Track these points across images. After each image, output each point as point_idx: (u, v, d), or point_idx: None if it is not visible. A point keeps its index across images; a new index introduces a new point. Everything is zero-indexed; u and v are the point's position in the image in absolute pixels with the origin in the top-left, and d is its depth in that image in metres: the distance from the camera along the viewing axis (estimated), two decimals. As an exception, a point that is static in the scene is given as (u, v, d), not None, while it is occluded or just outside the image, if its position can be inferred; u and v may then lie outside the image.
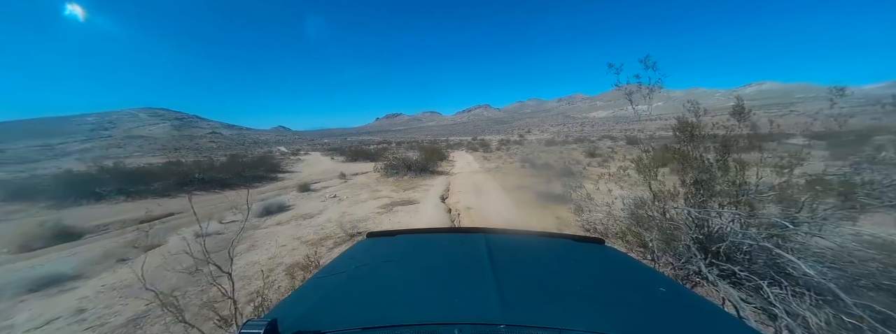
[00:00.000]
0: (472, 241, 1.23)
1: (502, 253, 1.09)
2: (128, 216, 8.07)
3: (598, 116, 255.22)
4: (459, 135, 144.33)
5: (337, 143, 78.25)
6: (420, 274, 1.01)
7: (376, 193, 8.83)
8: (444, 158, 20.57)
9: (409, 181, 11.12)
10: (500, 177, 11.38)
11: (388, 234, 1.44)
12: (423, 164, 12.94)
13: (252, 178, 14.49)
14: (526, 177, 10.31)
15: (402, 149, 37.53)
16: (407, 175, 12.31)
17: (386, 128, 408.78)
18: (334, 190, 10.12)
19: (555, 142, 39.85)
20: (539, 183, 9.03)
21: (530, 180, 9.55)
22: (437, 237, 1.47)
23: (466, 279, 0.92)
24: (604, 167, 12.68)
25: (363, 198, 8.09)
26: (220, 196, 11.29)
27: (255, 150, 75.88)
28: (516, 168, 13.89)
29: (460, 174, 13.09)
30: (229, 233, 5.50)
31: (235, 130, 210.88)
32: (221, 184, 12.85)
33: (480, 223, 5.40)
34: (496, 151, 29.39)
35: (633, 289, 0.92)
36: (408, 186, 9.89)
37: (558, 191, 7.09)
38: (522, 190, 7.96)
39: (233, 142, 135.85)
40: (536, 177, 10.13)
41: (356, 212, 6.49)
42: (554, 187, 7.94)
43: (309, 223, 5.75)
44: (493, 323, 0.65)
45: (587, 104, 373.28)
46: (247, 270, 3.68)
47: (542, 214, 5.83)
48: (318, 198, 8.54)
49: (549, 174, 10.59)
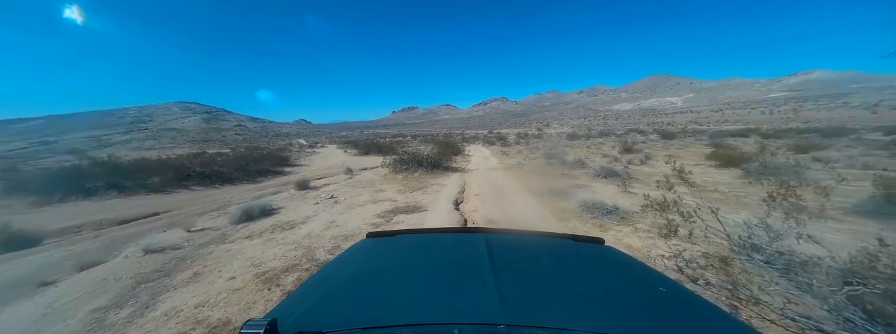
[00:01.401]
0: (472, 241, 1.23)
1: (502, 253, 1.09)
2: (108, 215, 7.32)
3: (622, 109, 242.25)
4: (475, 128, 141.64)
5: (354, 136, 79.61)
6: (420, 275, 1.00)
7: (379, 195, 7.59)
8: (459, 153, 19.11)
9: (419, 179, 9.82)
10: (523, 176, 9.81)
11: (388, 234, 1.42)
12: (436, 160, 11.59)
13: (257, 173, 13.76)
14: (556, 178, 8.69)
15: (416, 142, 36.40)
16: (417, 171, 11.02)
17: (402, 122, 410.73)
18: (334, 188, 9.00)
19: (577, 136, 37.43)
20: (575, 185, 7.43)
21: (563, 182, 7.95)
22: (437, 237, 1.44)
23: (466, 279, 0.92)
24: (648, 165, 10.79)
25: (362, 201, 6.87)
26: (218, 192, 10.52)
27: (276, 142, 79.10)
28: (541, 165, 12.20)
29: (477, 171, 11.62)
30: (189, 247, 4.43)
31: (259, 123, 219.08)
32: (223, 178, 12.15)
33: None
34: (515, 145, 27.51)
35: (634, 289, 0.92)
36: (416, 186, 8.58)
37: (607, 198, 5.51)
38: (557, 195, 6.42)
39: (256, 134, 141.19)
40: (570, 178, 8.50)
41: (348, 221, 5.26)
42: (600, 193, 6.34)
43: (285, 237, 4.56)
44: (493, 324, 0.65)
45: (610, 96, 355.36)
46: (157, 328, 2.49)
47: (604, 236, 4.32)
48: (312, 200, 7.41)
49: (586, 174, 8.91)
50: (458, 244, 1.27)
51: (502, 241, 1.25)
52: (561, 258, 1.13)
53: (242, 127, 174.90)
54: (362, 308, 0.78)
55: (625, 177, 7.65)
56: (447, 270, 1.01)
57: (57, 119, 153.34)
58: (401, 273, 1.01)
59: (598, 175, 8.22)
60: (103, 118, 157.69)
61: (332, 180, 11.34)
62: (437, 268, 1.03)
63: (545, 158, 14.54)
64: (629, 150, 14.85)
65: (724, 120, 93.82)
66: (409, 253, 1.20)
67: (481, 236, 1.26)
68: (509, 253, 1.13)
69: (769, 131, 28.42)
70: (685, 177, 5.08)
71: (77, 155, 19.92)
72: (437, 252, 1.21)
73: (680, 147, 17.80)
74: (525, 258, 1.10)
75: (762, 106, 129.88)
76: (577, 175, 9.14)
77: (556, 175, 9.33)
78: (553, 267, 1.06)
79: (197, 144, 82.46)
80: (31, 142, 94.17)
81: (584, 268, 1.04)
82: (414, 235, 1.45)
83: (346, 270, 1.05)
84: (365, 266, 1.07)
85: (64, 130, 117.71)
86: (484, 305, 0.73)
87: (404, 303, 0.79)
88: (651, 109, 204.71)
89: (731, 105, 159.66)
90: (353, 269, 1.05)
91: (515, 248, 1.22)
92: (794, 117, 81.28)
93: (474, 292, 0.81)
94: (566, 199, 6.03)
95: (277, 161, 17.44)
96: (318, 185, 10.01)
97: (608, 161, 11.55)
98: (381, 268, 1.06)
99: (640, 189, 6.48)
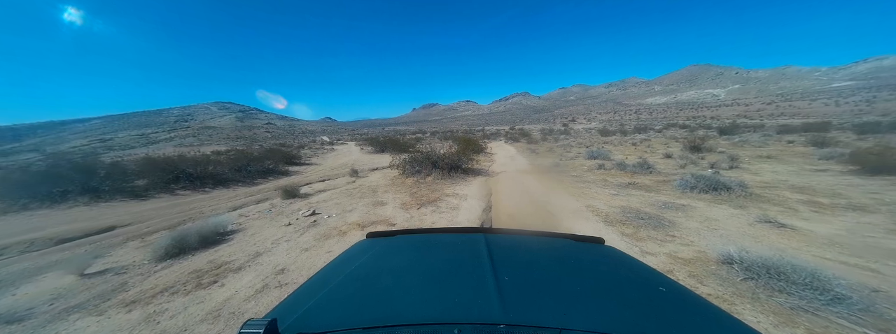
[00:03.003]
0: (472, 241, 1.22)
1: (502, 252, 1.09)
2: (54, 230, 5.99)
3: (655, 102, 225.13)
4: (496, 124, 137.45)
5: (375, 133, 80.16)
6: (420, 275, 1.00)
7: (375, 211, 5.66)
8: (481, 150, 16.88)
9: (432, 186, 7.82)
10: (569, 183, 7.40)
11: (388, 234, 1.41)
12: (454, 161, 9.51)
13: (259, 173, 12.43)
14: (622, 190, 6.26)
15: (435, 139, 34.61)
16: (431, 175, 9.04)
17: (422, 119, 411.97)
18: (326, 198, 7.21)
19: (610, 132, 33.81)
20: (661, 204, 5.01)
21: (639, 197, 5.52)
22: (437, 237, 1.44)
23: (466, 279, 0.92)
24: (743, 170, 7.92)
25: (348, 222, 4.97)
26: (205, 197, 9.15)
27: (302, 139, 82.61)
28: (590, 169, 9.68)
29: (504, 175, 9.40)
30: (39, 319, 2.71)
31: (288, 121, 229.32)
32: (218, 180, 10.88)
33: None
34: (543, 143, 24.74)
35: (634, 289, 0.92)
36: (427, 197, 6.57)
37: (759, 241, 3.14)
38: (649, 225, 4.03)
39: (284, 131, 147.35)
40: (644, 190, 6.03)
41: (305, 266, 3.34)
42: (721, 223, 3.88)
43: (189, 305, 2.71)
44: (493, 323, 0.65)
45: (643, 89, 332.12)
46: None
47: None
48: (287, 217, 5.62)
49: (665, 184, 6.35)
50: (458, 244, 1.27)
51: (502, 241, 1.24)
52: (561, 258, 1.13)
53: (272, 125, 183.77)
54: (362, 308, 0.77)
55: (739, 193, 5.11)
56: (447, 270, 1.01)
57: (112, 119, 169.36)
58: (401, 273, 1.01)
59: (688, 186, 5.70)
60: (151, 117, 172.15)
61: (331, 185, 9.63)
62: (437, 268, 1.03)
63: (589, 158, 11.96)
64: (698, 149, 11.84)
65: (779, 113, 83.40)
66: (409, 253, 1.20)
67: (481, 236, 1.25)
68: (509, 253, 1.13)
69: (856, 124, 22.98)
70: None
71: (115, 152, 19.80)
72: (437, 252, 1.21)
73: (758, 144, 14.33)
74: (525, 258, 1.10)
75: (825, 97, 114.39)
76: (650, 184, 6.66)
77: (618, 184, 6.90)
78: (553, 266, 1.05)
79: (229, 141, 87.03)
80: (91, 139, 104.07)
81: (583, 268, 1.04)
82: (414, 235, 1.43)
83: (346, 270, 1.04)
84: (365, 266, 1.07)
85: (119, 129, 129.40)
86: (484, 305, 0.73)
87: (404, 303, 0.79)
88: (689, 102, 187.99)
89: (786, 96, 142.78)
90: (353, 269, 1.04)
91: (515, 248, 1.22)
92: (867, 109, 69.99)
93: (474, 292, 0.81)
94: (668, 234, 3.69)
95: (284, 159, 16.16)
96: (311, 192, 8.29)
97: (680, 164, 8.85)
98: (381, 268, 1.06)
99: (787, 216, 4.02)
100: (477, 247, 1.12)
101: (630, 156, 12.59)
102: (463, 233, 1.44)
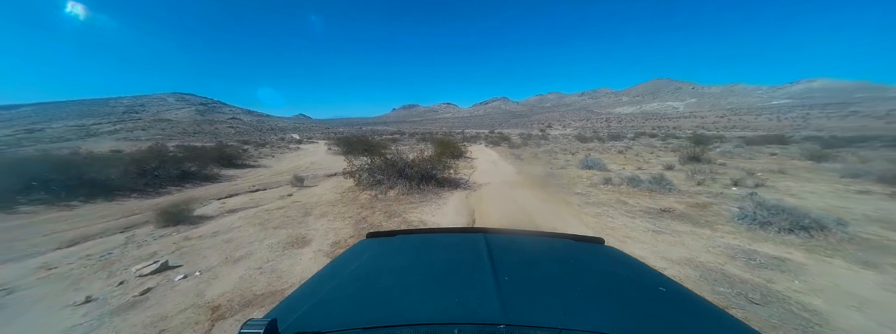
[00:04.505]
0: (472, 241, 1.21)
1: (502, 253, 1.08)
2: None
3: (624, 112, 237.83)
4: (476, 127, 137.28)
5: (351, 132, 77.28)
6: (420, 275, 0.99)
7: (281, 259, 3.38)
8: (461, 155, 14.89)
9: (393, 204, 5.66)
10: (580, 207, 5.47)
11: (388, 234, 1.39)
12: (426, 170, 7.37)
13: (171, 179, 9.51)
14: (670, 226, 4.31)
15: (413, 140, 32.26)
16: (396, 187, 6.86)
17: (402, 119, 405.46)
18: (225, 225, 4.75)
19: (587, 139, 33.61)
20: (728, 250, 3.14)
21: (694, 237, 3.59)
22: (437, 237, 1.41)
23: (466, 279, 0.91)
24: (787, 193, 6.44)
25: (212, 295, 2.68)
26: (61, 215, 6.29)
27: (269, 136, 77.99)
28: (593, 183, 7.91)
29: (489, 188, 7.41)
30: None
31: (255, 116, 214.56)
32: (100, 189, 7.90)
33: None
34: (524, 147, 23.32)
35: (634, 289, 0.91)
36: (379, 227, 4.38)
37: None
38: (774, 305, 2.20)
39: (250, 127, 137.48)
40: (714, 228, 4.13)
41: None
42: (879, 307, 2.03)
43: None
44: (493, 323, 0.64)
45: (612, 99, 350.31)
46: None
47: None
48: (113, 274, 3.20)
49: (712, 209, 4.50)
50: (458, 244, 1.26)
51: (502, 241, 1.23)
52: (561, 258, 1.11)
53: (237, 119, 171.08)
54: (362, 308, 0.77)
55: (839, 234, 3.44)
56: (447, 270, 1.00)
57: (47, 106, 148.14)
58: (401, 273, 1.00)
59: (754, 221, 3.93)
60: (96, 107, 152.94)
61: (258, 199, 7.10)
62: (437, 268, 1.03)
63: (584, 168, 10.34)
64: (697, 159, 10.65)
65: (732, 125, 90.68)
66: (409, 253, 1.19)
67: (481, 236, 1.25)
68: (509, 253, 1.12)
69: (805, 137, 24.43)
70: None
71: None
72: (437, 252, 1.20)
73: (747, 156, 13.62)
74: (525, 258, 1.09)
75: (767, 113, 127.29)
76: (689, 212, 4.91)
77: (645, 210, 5.08)
78: (553, 266, 1.04)
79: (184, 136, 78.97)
80: (17, 129, 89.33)
81: (584, 268, 1.04)
82: (414, 235, 1.41)
83: (346, 270, 1.03)
84: (365, 266, 1.06)
85: (53, 118, 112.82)
86: (484, 305, 0.73)
87: (404, 303, 0.78)
88: (653, 113, 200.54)
89: (735, 110, 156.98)
90: (353, 269, 1.03)
91: (515, 248, 1.21)
92: (803, 124, 78.45)
93: (474, 292, 0.80)
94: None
95: (220, 160, 13.06)
96: (215, 213, 5.76)
97: (696, 179, 7.34)
98: (381, 268, 1.05)
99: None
100: (477, 247, 1.11)
101: (626, 166, 11.18)
102: (463, 233, 1.41)
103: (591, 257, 1.13)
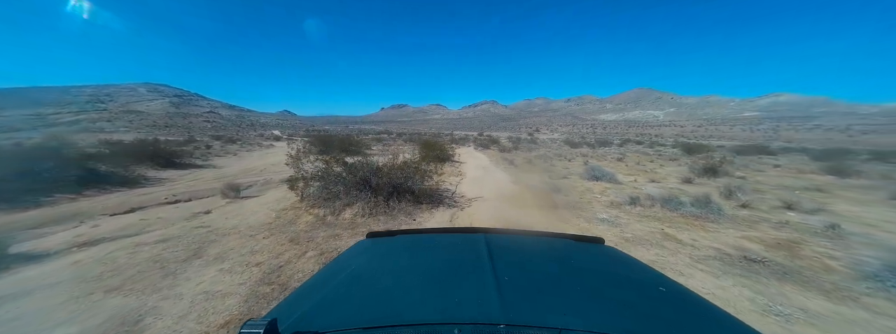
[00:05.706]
0: (472, 241, 1.21)
1: (502, 252, 1.08)
2: None
3: (607, 119, 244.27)
4: (465, 129, 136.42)
5: (336, 130, 74.97)
6: (420, 275, 0.98)
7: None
8: (448, 159, 13.30)
9: (342, 233, 3.99)
10: (617, 239, 3.93)
11: (388, 234, 1.39)
12: (399, 181, 5.65)
13: (68, 182, 7.32)
14: (783, 290, 2.76)
15: (400, 141, 30.35)
16: (355, 204, 5.17)
17: (391, 119, 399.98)
18: (33, 280, 2.94)
19: (576, 144, 33.14)
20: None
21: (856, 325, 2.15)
22: (437, 237, 1.41)
23: (466, 279, 0.90)
24: (858, 222, 5.15)
25: None
26: None
27: (247, 132, 74.47)
28: (613, 202, 6.43)
29: (480, 205, 5.81)
30: None
31: (236, 111, 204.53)
32: None
33: None
34: (516, 151, 22.05)
35: (633, 289, 0.91)
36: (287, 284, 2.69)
37: None
38: None
39: (230, 122, 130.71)
40: (859, 304, 2.55)
41: None
42: None
43: None
44: (493, 323, 0.64)
45: (597, 106, 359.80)
46: None
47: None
48: None
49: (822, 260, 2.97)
50: (457, 244, 1.25)
51: (502, 241, 1.24)
52: (561, 257, 1.12)
53: (215, 113, 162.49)
54: (362, 308, 0.77)
55: None
56: (447, 270, 0.99)
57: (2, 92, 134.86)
58: (401, 273, 1.00)
59: (878, 281, 2.60)
60: (57, 95, 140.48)
61: (159, 218, 5.18)
62: (437, 268, 1.02)
63: (590, 179, 8.98)
64: (713, 171, 9.54)
65: (709, 135, 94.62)
66: (409, 253, 1.19)
67: (481, 236, 1.25)
68: (509, 253, 1.12)
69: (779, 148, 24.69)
70: None
71: None
72: (437, 252, 1.19)
73: (755, 168, 12.80)
74: (525, 258, 1.09)
75: (740, 124, 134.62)
76: (780, 260, 3.52)
77: (716, 257, 3.61)
78: (553, 266, 1.05)
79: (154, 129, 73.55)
80: None
81: (583, 268, 1.04)
82: (414, 235, 1.42)
83: (346, 270, 1.03)
84: (365, 266, 1.06)
85: (5, 106, 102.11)
86: (484, 305, 0.72)
87: (404, 303, 0.78)
88: (635, 121, 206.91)
89: (711, 121, 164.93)
90: (352, 269, 1.03)
91: (515, 248, 1.21)
92: (774, 136, 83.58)
93: (474, 292, 0.80)
94: None
95: (150, 157, 10.69)
96: (68, 244, 3.86)
97: (738, 201, 6.04)
98: (381, 268, 1.05)
99: None
100: (477, 247, 1.11)
101: (637, 177, 9.97)
102: (463, 233, 1.42)
103: (591, 257, 1.14)
